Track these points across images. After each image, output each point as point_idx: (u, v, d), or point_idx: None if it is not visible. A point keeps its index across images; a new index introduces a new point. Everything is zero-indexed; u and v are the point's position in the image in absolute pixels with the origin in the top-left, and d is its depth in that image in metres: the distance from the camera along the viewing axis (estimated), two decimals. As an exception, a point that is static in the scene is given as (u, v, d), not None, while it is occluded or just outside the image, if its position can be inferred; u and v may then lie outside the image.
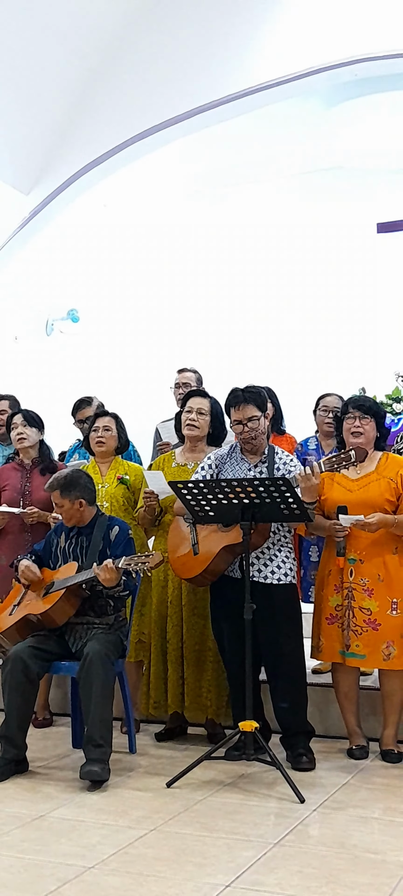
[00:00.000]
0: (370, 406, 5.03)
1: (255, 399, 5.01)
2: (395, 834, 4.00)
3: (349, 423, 4.97)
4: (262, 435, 5.05)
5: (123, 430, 5.75)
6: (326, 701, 5.33)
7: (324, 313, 9.96)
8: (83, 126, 8.72)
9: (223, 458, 5.13)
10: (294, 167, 10.07)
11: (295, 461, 5.11)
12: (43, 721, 5.83)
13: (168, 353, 9.16)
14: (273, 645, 4.91)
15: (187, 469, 5.37)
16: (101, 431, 5.66)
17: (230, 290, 10.36)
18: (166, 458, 5.54)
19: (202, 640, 5.26)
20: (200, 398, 5.45)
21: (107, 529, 5.11)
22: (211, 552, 4.88)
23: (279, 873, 3.59)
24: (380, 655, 4.85)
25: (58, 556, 5.19)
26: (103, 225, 10.07)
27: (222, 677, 5.23)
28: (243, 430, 5.00)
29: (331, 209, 10.09)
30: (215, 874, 3.59)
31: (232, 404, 5.03)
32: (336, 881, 3.51)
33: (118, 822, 4.16)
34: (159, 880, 3.55)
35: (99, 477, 5.63)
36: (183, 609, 5.28)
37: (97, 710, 4.69)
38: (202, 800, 4.41)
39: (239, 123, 8.63)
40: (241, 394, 5.02)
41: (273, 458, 5.04)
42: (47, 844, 3.94)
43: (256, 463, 5.05)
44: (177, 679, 5.27)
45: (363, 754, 4.99)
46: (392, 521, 4.81)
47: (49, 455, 6.06)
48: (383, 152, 9.66)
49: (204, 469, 5.12)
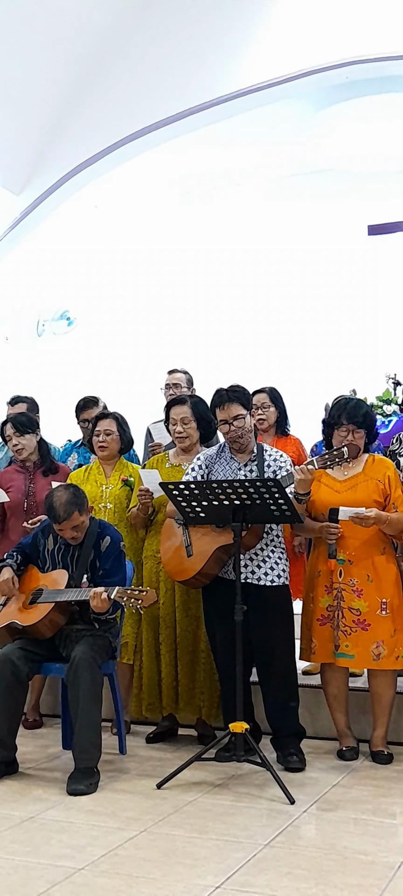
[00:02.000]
0: (363, 419, 4.98)
1: (240, 398, 5.01)
2: (385, 835, 4.01)
3: (341, 435, 4.96)
4: (249, 433, 5.04)
5: (125, 430, 5.72)
6: (316, 702, 5.33)
7: (315, 316, 9.97)
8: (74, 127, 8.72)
9: (212, 458, 5.13)
10: (284, 169, 10.08)
11: (285, 457, 5.10)
12: (33, 722, 5.82)
13: (160, 354, 9.15)
14: (265, 646, 4.91)
15: (181, 470, 5.35)
16: (103, 436, 5.63)
17: (221, 291, 10.36)
18: (160, 459, 5.52)
19: (195, 642, 5.26)
20: (180, 407, 5.37)
21: (98, 538, 5.05)
22: (204, 554, 4.87)
23: (269, 874, 3.59)
24: (370, 656, 4.86)
25: (46, 559, 5.14)
26: (94, 225, 10.07)
27: (214, 678, 5.23)
28: (229, 430, 4.99)
29: (322, 212, 10.10)
30: (205, 875, 3.59)
31: (217, 404, 5.02)
32: (325, 882, 3.52)
33: (108, 824, 4.16)
34: (149, 882, 3.55)
35: (103, 478, 5.62)
36: (176, 611, 5.28)
37: (85, 715, 4.67)
38: (192, 801, 4.42)
39: (229, 125, 8.65)
40: (226, 393, 5.02)
41: (262, 456, 5.04)
42: (37, 846, 3.93)
43: (246, 462, 5.05)
44: (171, 681, 5.27)
45: (353, 755, 5.00)
46: (385, 518, 4.83)
47: (49, 453, 6.01)
48: (373, 155, 9.68)
49: (193, 470, 5.11)
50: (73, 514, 4.91)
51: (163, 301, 10.45)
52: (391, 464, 5.09)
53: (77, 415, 6.38)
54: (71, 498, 4.93)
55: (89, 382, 8.40)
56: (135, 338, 10.25)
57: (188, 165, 9.93)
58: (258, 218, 10.37)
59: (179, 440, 5.37)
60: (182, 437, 5.35)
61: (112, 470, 5.67)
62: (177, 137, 8.66)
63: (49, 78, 8.43)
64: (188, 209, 10.53)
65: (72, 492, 4.98)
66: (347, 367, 9.25)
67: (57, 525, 4.96)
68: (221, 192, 10.44)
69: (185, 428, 5.33)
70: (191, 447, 5.39)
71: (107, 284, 10.26)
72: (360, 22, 7.80)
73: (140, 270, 10.48)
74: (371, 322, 9.75)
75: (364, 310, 9.84)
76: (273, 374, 7.73)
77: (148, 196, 10.28)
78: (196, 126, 8.50)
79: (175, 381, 6.53)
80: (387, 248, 9.91)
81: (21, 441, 5.84)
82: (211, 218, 10.50)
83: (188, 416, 5.33)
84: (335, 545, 4.87)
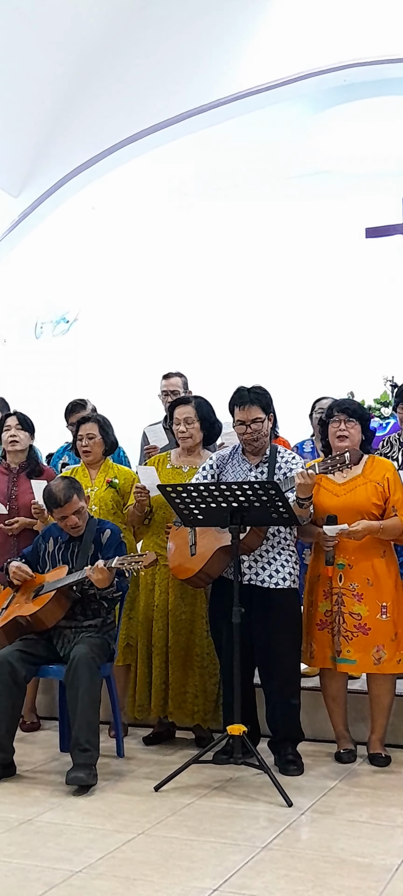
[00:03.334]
0: (355, 409, 5.03)
1: (261, 400, 4.97)
2: (382, 838, 4.00)
3: (334, 427, 4.98)
4: (265, 437, 5.00)
5: (108, 433, 5.71)
6: (314, 705, 5.33)
7: (313, 317, 9.98)
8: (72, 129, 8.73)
9: (224, 458, 5.11)
10: (282, 171, 10.09)
11: (298, 459, 5.07)
12: (30, 725, 5.81)
13: (157, 356, 9.15)
14: (266, 649, 4.89)
15: (182, 472, 5.35)
16: (85, 440, 5.63)
17: (218, 292, 10.37)
18: (161, 460, 5.49)
19: (188, 646, 5.25)
20: (184, 406, 5.36)
21: (97, 533, 5.10)
22: (206, 554, 4.87)
23: (266, 877, 3.59)
24: (371, 660, 4.85)
25: (46, 562, 5.17)
26: (92, 227, 10.07)
27: (209, 683, 5.23)
28: (245, 431, 4.96)
29: (320, 214, 10.12)
30: (202, 878, 3.59)
31: (238, 404, 4.97)
32: (323, 885, 3.52)
33: (105, 826, 4.16)
34: (146, 884, 3.55)
35: (88, 481, 5.61)
36: (169, 614, 5.28)
37: (83, 714, 4.68)
38: (190, 804, 4.41)
39: (227, 127, 8.65)
40: (247, 394, 4.96)
41: (275, 458, 4.99)
42: (34, 848, 3.93)
43: (257, 463, 5.02)
44: (161, 684, 5.26)
45: (350, 758, 5.00)
46: (377, 527, 4.81)
47: (36, 459, 6.04)
48: (371, 157, 9.70)
49: (204, 470, 5.10)
50: (73, 497, 5.00)
51: (161, 302, 10.45)
52: (391, 465, 5.07)
53: (66, 417, 6.41)
54: (68, 483, 5.06)
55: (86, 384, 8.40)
56: (132, 339, 10.25)
57: (186, 167, 9.94)
58: (255, 219, 10.38)
59: (182, 440, 5.36)
60: (185, 436, 5.33)
61: (97, 473, 5.66)
62: (175, 140, 8.66)
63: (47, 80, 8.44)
64: (185, 211, 10.54)
65: (68, 480, 5.13)
66: (344, 370, 9.25)
67: (59, 511, 5.01)
68: (219, 193, 10.45)
69: (188, 428, 5.31)
70: (194, 448, 5.38)
71: (105, 286, 10.26)
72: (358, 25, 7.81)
73: (137, 272, 10.48)
74: (369, 325, 9.75)
75: (361, 312, 9.85)
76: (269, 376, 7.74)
77: (145, 198, 10.29)
78: (194, 128, 8.51)
79: (172, 388, 6.49)
80: (384, 251, 9.92)
81: (19, 434, 5.85)
82: (209, 219, 10.51)
83: (192, 416, 5.32)
84: (332, 552, 4.84)
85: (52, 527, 5.29)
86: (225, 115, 8.38)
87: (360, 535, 4.77)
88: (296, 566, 5.03)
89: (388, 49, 7.75)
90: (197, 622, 5.25)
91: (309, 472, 4.71)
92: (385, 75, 8.09)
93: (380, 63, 7.83)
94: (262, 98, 8.19)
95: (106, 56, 8.50)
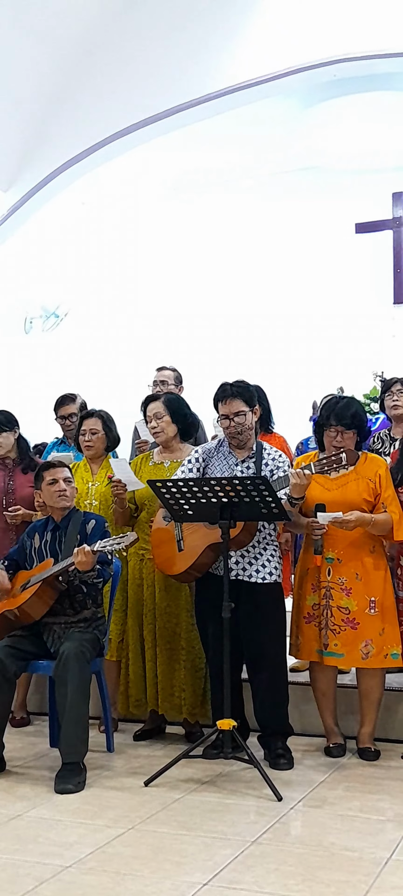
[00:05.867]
0: (352, 419, 4.93)
1: (243, 394, 5.00)
2: (372, 831, 4.02)
3: (330, 436, 4.96)
4: (249, 430, 5.03)
5: (111, 428, 5.73)
6: (304, 699, 5.34)
7: (302, 312, 9.97)
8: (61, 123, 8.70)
9: (210, 452, 5.13)
10: (272, 167, 10.07)
11: (284, 457, 5.10)
12: (20, 720, 5.81)
13: (148, 351, 9.14)
14: (254, 643, 4.92)
15: (163, 467, 5.39)
16: (88, 435, 5.64)
17: (209, 288, 10.35)
18: (144, 458, 5.56)
19: (173, 639, 5.27)
20: (153, 403, 5.46)
21: (82, 525, 5.12)
22: (196, 549, 4.88)
23: (256, 871, 3.60)
24: (359, 654, 4.87)
25: (33, 558, 5.18)
26: (82, 222, 10.05)
27: (196, 677, 5.24)
28: (229, 425, 4.99)
29: (310, 209, 10.10)
30: (193, 873, 3.60)
31: (220, 398, 5.02)
32: (313, 879, 3.53)
33: (95, 822, 4.16)
34: (136, 879, 3.55)
35: (89, 475, 5.64)
36: (155, 608, 5.29)
37: (73, 710, 4.68)
38: (179, 798, 4.42)
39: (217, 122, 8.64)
40: (229, 388, 5.01)
41: (261, 454, 5.03)
42: (24, 844, 3.93)
43: (243, 458, 5.04)
44: (153, 677, 5.29)
45: (340, 752, 5.01)
46: (369, 520, 4.83)
47: (28, 450, 6.02)
48: (361, 153, 9.69)
49: (190, 463, 5.11)
50: (64, 468, 5.24)
51: (151, 298, 10.44)
52: (383, 462, 5.08)
53: (55, 411, 6.41)
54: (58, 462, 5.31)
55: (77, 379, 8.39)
56: (123, 335, 10.24)
57: (176, 162, 9.91)
58: (245, 215, 10.37)
59: (155, 435, 5.45)
60: (157, 432, 5.42)
61: (98, 468, 5.67)
62: (165, 135, 8.64)
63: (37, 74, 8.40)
64: (175, 206, 10.52)
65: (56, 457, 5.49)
66: (334, 365, 9.26)
67: (50, 472, 5.18)
68: (209, 188, 10.43)
69: (159, 423, 5.38)
70: (168, 443, 5.42)
71: (96, 281, 10.24)
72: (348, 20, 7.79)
73: (128, 267, 10.46)
74: (359, 320, 9.76)
75: (351, 308, 9.85)
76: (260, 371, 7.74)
77: (135, 193, 10.27)
78: (184, 123, 8.49)
79: (162, 379, 6.53)
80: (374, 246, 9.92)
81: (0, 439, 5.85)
82: (199, 215, 10.49)
83: (161, 411, 5.38)
84: (320, 541, 4.86)
85: (36, 524, 5.32)
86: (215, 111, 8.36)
87: (352, 525, 4.78)
88: (280, 561, 5.07)
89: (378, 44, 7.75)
90: (182, 615, 5.27)
91: (305, 471, 4.72)
92: (376, 70, 8.08)
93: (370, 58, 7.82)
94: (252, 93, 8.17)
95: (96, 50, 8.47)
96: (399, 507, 4.91)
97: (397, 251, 9.92)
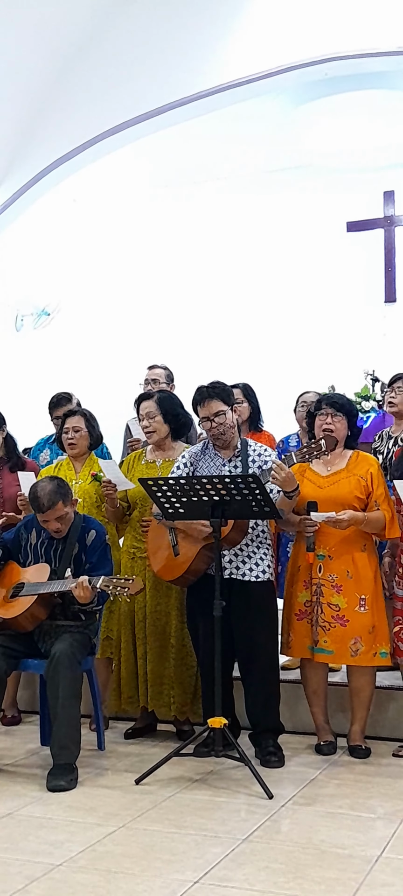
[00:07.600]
0: (342, 404, 5.06)
1: (220, 393, 5.03)
2: (362, 829, 4.03)
3: (321, 420, 5.00)
4: (231, 429, 5.05)
5: (94, 427, 5.72)
6: (295, 697, 5.35)
7: (294, 311, 9.97)
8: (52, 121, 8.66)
9: (197, 454, 5.14)
10: (263, 165, 10.07)
11: (270, 451, 5.12)
12: (11, 719, 5.80)
13: (139, 349, 9.13)
14: (246, 641, 4.93)
15: (155, 466, 5.39)
16: (71, 433, 5.62)
17: (199, 286, 10.35)
18: (137, 456, 5.56)
19: (163, 637, 5.27)
20: (146, 402, 5.46)
21: (82, 532, 5.04)
22: (191, 552, 4.88)
23: (247, 869, 3.60)
24: (348, 651, 4.88)
25: (28, 553, 5.13)
26: (72, 220, 10.03)
27: (186, 674, 5.25)
28: (211, 427, 5.01)
29: (301, 208, 10.10)
30: (183, 870, 3.60)
31: (198, 402, 5.06)
32: (303, 876, 3.53)
33: (86, 820, 4.16)
34: (127, 877, 3.55)
35: (73, 474, 5.62)
36: (146, 606, 5.29)
37: (64, 711, 4.67)
38: (170, 796, 4.42)
39: (207, 120, 8.62)
40: (206, 390, 5.05)
41: (246, 452, 5.05)
42: (15, 842, 3.92)
43: (230, 457, 5.05)
44: (144, 674, 5.30)
45: (331, 750, 5.03)
46: (362, 518, 4.84)
47: (15, 448, 5.99)
48: (352, 151, 9.69)
49: (179, 468, 5.12)
50: (58, 503, 4.91)
51: (143, 296, 10.43)
52: (374, 461, 5.12)
53: (50, 411, 6.38)
54: (55, 488, 4.94)
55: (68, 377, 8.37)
56: (114, 332, 10.22)
57: (167, 160, 9.90)
58: (236, 213, 10.36)
59: (147, 435, 5.45)
60: (149, 431, 5.42)
61: (82, 466, 5.66)
62: (157, 132, 8.63)
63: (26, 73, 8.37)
64: (167, 204, 10.52)
65: (56, 483, 5.00)
66: (325, 364, 9.26)
67: (41, 515, 4.95)
68: (200, 186, 10.43)
69: (151, 422, 5.38)
70: (161, 442, 5.42)
71: (87, 279, 10.22)
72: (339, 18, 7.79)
73: (119, 265, 10.45)
74: (350, 318, 9.77)
75: (342, 306, 9.86)
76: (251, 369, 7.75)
77: (127, 190, 10.26)
78: (174, 121, 8.47)
79: (154, 377, 6.53)
80: (365, 245, 9.93)
81: None
82: (190, 213, 10.49)
83: (153, 410, 5.38)
84: (313, 538, 4.89)
85: (35, 517, 5.25)
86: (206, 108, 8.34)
87: (345, 524, 4.80)
88: (273, 560, 5.08)
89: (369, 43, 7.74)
90: (172, 613, 5.27)
91: (284, 462, 4.73)
92: (367, 69, 8.08)
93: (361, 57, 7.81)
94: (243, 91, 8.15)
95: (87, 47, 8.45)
96: (391, 505, 4.93)
97: (388, 250, 9.93)
